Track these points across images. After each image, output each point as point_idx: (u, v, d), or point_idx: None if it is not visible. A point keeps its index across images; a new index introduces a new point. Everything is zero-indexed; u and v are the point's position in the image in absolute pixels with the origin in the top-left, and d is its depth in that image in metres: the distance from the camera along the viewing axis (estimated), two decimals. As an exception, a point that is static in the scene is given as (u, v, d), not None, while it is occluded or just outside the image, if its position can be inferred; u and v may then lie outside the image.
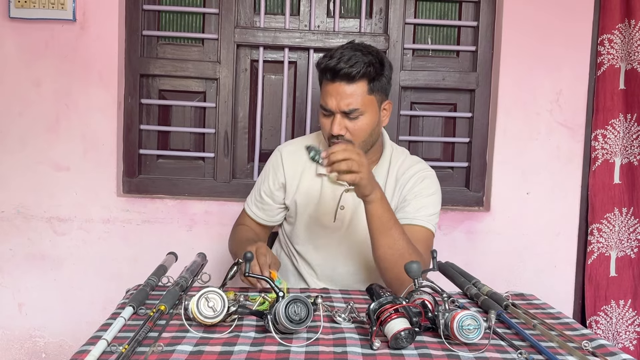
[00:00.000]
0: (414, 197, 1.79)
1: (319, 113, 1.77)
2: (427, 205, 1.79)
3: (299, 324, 1.19)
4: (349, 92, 1.68)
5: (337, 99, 1.68)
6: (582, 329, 1.38)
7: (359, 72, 1.67)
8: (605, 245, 2.61)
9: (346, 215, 1.84)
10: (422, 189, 1.81)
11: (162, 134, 2.66)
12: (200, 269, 1.69)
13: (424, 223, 1.77)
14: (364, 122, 1.71)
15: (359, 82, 1.69)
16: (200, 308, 1.24)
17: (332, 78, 1.69)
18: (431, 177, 1.86)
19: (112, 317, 1.32)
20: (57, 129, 2.49)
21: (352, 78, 1.67)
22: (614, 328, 2.62)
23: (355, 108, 1.68)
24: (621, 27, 2.55)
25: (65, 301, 2.55)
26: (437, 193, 1.85)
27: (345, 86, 1.68)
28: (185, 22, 2.65)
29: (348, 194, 1.83)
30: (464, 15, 2.67)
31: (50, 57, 2.47)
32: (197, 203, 2.56)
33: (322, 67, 1.71)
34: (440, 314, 1.23)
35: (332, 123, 1.69)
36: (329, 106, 1.69)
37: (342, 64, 1.66)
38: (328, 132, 1.71)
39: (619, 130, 2.58)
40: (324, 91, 1.72)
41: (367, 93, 1.70)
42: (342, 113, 1.69)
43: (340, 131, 1.68)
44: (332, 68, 1.67)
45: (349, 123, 1.69)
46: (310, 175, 1.88)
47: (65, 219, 2.53)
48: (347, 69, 1.66)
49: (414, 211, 1.77)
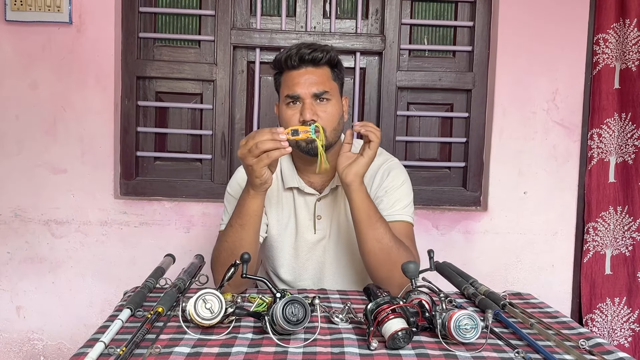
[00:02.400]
0: (385, 193, 1.75)
1: (280, 108, 1.72)
2: (400, 197, 1.75)
3: (297, 324, 1.19)
4: (316, 75, 1.68)
5: (307, 84, 1.66)
6: (579, 328, 1.38)
7: (324, 57, 1.69)
8: (601, 244, 2.62)
9: (324, 224, 1.80)
10: (390, 182, 1.76)
11: (159, 136, 2.66)
12: (197, 270, 1.69)
13: (402, 217, 1.73)
14: (332, 107, 1.69)
15: (323, 67, 1.70)
16: (198, 310, 1.24)
17: (298, 65, 1.68)
18: (396, 167, 1.81)
19: (110, 319, 1.32)
20: (54, 131, 2.49)
21: (317, 62, 1.68)
22: (609, 325, 2.63)
23: (325, 90, 1.67)
24: (616, 27, 2.55)
25: (63, 304, 2.55)
26: (406, 181, 1.80)
27: (313, 69, 1.68)
28: (182, 24, 2.65)
29: (320, 203, 1.79)
30: (460, 16, 2.67)
31: (46, 60, 2.47)
32: (195, 205, 2.56)
33: (285, 57, 1.69)
34: (438, 313, 1.23)
35: (302, 109, 1.65)
36: (297, 92, 1.66)
37: (304, 50, 1.68)
38: (297, 121, 1.65)
39: (613, 129, 2.58)
40: (288, 80, 1.69)
41: (332, 79, 1.71)
42: (313, 97, 1.66)
43: (313, 116, 1.64)
44: (297, 54, 1.67)
45: (318, 108, 1.66)
46: (280, 193, 1.81)
47: (63, 222, 2.52)
48: (313, 53, 1.67)
49: (389, 207, 1.73)
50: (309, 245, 1.80)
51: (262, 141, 1.44)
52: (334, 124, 1.69)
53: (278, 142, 1.44)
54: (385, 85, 2.61)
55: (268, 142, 1.43)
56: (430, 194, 2.65)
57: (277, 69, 1.75)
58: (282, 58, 1.71)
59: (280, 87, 1.74)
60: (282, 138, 1.44)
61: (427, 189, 2.64)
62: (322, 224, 1.79)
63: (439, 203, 2.66)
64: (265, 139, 1.44)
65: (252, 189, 1.54)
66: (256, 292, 1.64)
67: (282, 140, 1.44)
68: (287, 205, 1.81)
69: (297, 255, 1.81)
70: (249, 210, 1.56)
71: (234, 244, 1.59)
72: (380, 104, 2.63)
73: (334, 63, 1.73)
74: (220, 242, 1.66)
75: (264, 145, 1.43)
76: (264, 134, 1.45)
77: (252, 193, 1.54)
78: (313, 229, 1.80)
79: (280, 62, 1.72)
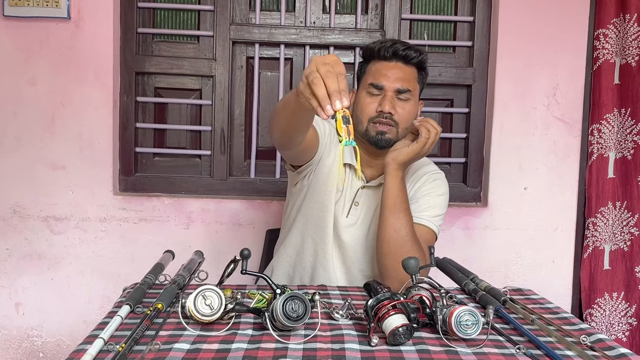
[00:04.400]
0: (423, 196, 1.79)
1: (359, 95, 1.76)
2: (434, 205, 1.78)
3: (297, 321, 1.18)
4: (404, 72, 1.73)
5: (393, 77, 1.71)
6: (580, 324, 1.37)
7: (415, 57, 1.74)
8: (600, 239, 2.63)
9: (359, 212, 1.81)
10: (431, 189, 1.81)
11: (158, 131, 2.66)
12: (197, 266, 1.68)
13: (428, 223, 1.75)
14: (411, 107, 1.73)
15: (412, 67, 1.75)
16: (198, 306, 1.23)
17: (390, 57, 1.73)
18: (442, 179, 1.87)
19: (109, 315, 1.32)
20: (52, 127, 2.49)
21: (408, 60, 1.73)
22: (607, 320, 2.64)
23: (408, 88, 1.71)
24: (616, 22, 2.55)
25: (62, 300, 2.54)
26: (445, 195, 1.84)
27: (402, 66, 1.73)
28: (181, 19, 2.64)
29: (364, 191, 1.81)
30: (460, 11, 2.67)
31: (45, 55, 2.46)
32: (194, 201, 2.56)
33: (378, 47, 1.74)
34: (438, 309, 1.22)
35: (382, 100, 1.70)
36: (382, 82, 1.70)
37: (399, 45, 1.73)
38: (374, 111, 1.70)
39: (613, 124, 2.58)
40: (375, 70, 1.73)
41: (416, 80, 1.76)
42: (395, 92, 1.70)
43: (391, 109, 1.69)
44: (391, 47, 1.72)
45: (398, 104, 1.71)
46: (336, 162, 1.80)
47: (62, 218, 2.52)
48: (406, 51, 1.72)
49: (421, 210, 1.76)
50: (338, 224, 1.81)
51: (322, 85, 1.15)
52: (407, 124, 1.73)
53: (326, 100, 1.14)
54: (385, 80, 2.60)
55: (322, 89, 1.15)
56: (430, 190, 2.64)
57: (367, 57, 1.79)
58: (376, 47, 1.76)
59: (364, 75, 1.78)
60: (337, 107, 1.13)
61: (427, 185, 2.64)
62: (357, 210, 1.81)
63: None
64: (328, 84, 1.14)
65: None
66: (256, 288, 1.64)
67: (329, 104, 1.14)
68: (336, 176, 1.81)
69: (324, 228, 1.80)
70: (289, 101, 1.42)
71: (287, 101, 1.44)
72: (380, 100, 2.61)
73: (423, 66, 1.78)
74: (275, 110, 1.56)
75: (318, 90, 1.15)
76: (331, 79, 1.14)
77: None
78: (347, 212, 1.81)
79: (372, 50, 1.77)
